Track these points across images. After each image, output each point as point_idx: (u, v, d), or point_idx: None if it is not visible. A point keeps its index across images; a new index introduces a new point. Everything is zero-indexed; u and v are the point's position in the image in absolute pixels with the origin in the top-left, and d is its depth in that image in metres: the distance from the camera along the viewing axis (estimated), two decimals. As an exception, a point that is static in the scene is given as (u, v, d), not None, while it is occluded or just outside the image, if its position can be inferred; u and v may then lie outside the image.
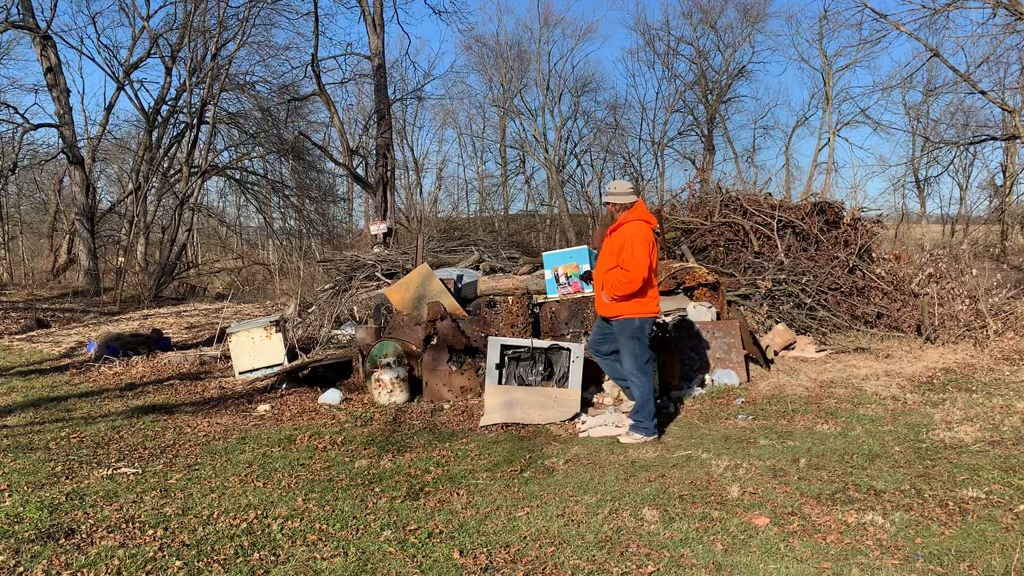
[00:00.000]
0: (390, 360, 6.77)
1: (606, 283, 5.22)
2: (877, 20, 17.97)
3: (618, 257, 5.12)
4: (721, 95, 32.85)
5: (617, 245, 5.15)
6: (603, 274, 5.26)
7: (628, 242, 5.09)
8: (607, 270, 5.20)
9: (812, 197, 11.47)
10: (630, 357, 5.29)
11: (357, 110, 30.37)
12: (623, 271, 5.10)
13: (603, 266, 5.27)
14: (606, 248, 5.24)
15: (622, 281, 5.12)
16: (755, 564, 3.21)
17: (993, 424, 5.42)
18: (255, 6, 18.48)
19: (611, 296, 5.18)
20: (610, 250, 5.19)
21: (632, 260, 5.07)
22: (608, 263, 5.21)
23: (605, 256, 5.25)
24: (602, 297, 5.30)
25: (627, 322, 5.24)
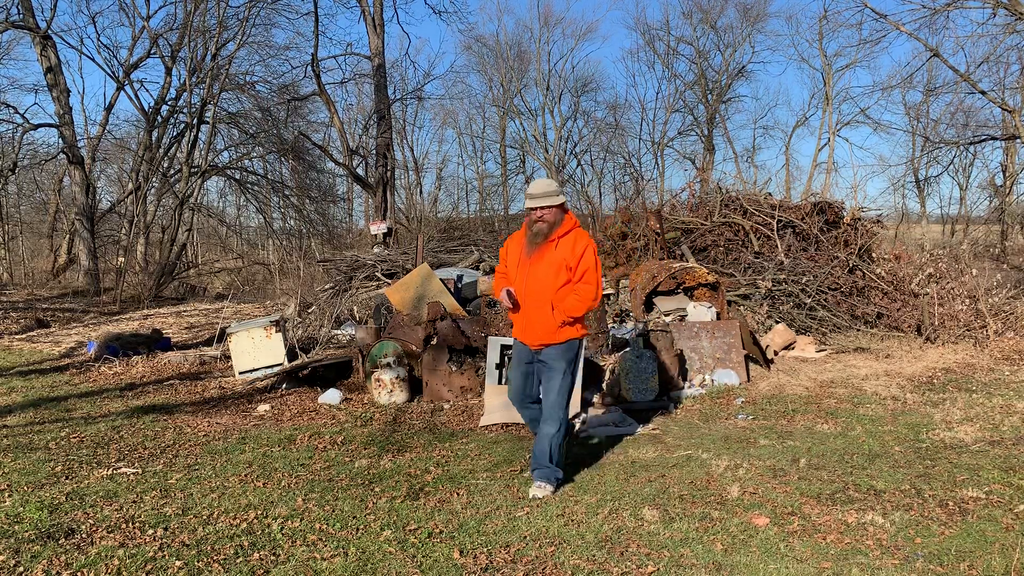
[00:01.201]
0: (390, 360, 6.77)
1: (560, 303, 4.26)
2: (877, 20, 17.97)
3: (573, 271, 4.25)
4: (721, 95, 32.87)
5: (570, 256, 4.24)
6: (553, 292, 4.26)
7: (588, 252, 4.29)
8: (558, 287, 4.26)
9: (812, 197, 11.48)
10: (563, 388, 4.35)
11: (357, 110, 30.38)
12: (587, 286, 4.26)
13: (549, 283, 4.26)
14: (548, 261, 4.26)
15: (586, 298, 4.27)
16: (755, 564, 3.21)
17: (993, 424, 5.42)
18: (255, 6, 18.48)
19: (567, 317, 4.25)
20: (557, 263, 4.25)
21: (597, 273, 4.32)
22: (557, 279, 4.26)
23: (547, 271, 4.26)
24: (546, 320, 4.28)
25: (573, 343, 4.38)
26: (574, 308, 4.26)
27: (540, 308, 4.29)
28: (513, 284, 4.40)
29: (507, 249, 4.53)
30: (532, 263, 4.30)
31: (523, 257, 4.32)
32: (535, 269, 4.29)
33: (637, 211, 12.40)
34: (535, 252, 4.30)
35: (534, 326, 4.32)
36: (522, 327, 4.42)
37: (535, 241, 4.29)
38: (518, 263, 4.36)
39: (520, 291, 4.35)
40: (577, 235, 4.33)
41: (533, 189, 4.34)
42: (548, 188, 4.31)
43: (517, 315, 4.43)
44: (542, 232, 4.29)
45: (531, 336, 4.36)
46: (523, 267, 4.32)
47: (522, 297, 4.34)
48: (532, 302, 4.31)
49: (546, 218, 4.28)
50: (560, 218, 4.32)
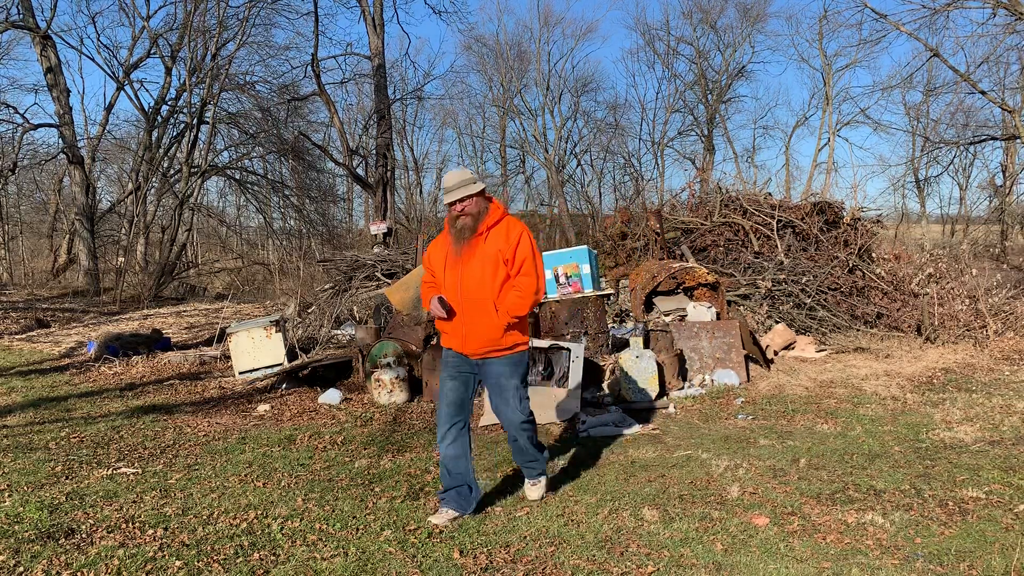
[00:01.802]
0: (390, 360, 6.77)
1: (504, 302, 3.79)
2: (877, 20, 17.98)
3: (511, 263, 3.79)
4: (721, 95, 32.85)
5: (504, 247, 3.78)
6: (493, 291, 3.77)
7: (524, 241, 3.84)
8: (498, 285, 3.78)
9: (812, 197, 11.48)
10: (521, 398, 3.91)
11: (357, 110, 30.38)
12: (526, 278, 3.80)
13: (487, 281, 3.77)
14: (481, 257, 3.78)
15: (527, 292, 3.80)
16: (755, 564, 3.21)
17: (993, 424, 5.42)
18: (255, 6, 18.50)
19: (511, 318, 3.77)
20: (492, 257, 3.78)
21: (536, 262, 3.87)
22: (495, 275, 3.78)
23: (482, 267, 3.77)
24: (489, 324, 3.78)
25: (523, 356, 3.93)
26: (516, 306, 3.79)
27: (481, 311, 3.78)
28: (444, 291, 3.88)
29: (430, 256, 4.02)
30: (463, 262, 3.80)
31: (451, 258, 3.84)
32: (468, 268, 3.79)
33: (637, 211, 12.41)
34: (464, 249, 3.81)
35: (476, 333, 3.81)
36: (461, 336, 3.85)
37: (461, 237, 3.81)
38: (445, 266, 3.87)
39: (454, 297, 3.83)
40: (508, 223, 3.87)
41: (447, 182, 3.86)
42: (463, 177, 3.84)
43: (451, 324, 3.87)
44: (467, 226, 3.82)
45: (473, 344, 3.83)
46: (454, 269, 3.82)
47: (457, 303, 3.81)
48: (471, 306, 3.80)
49: (468, 210, 3.82)
50: (484, 207, 3.86)
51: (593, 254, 7.70)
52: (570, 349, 6.22)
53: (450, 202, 3.83)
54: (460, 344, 3.87)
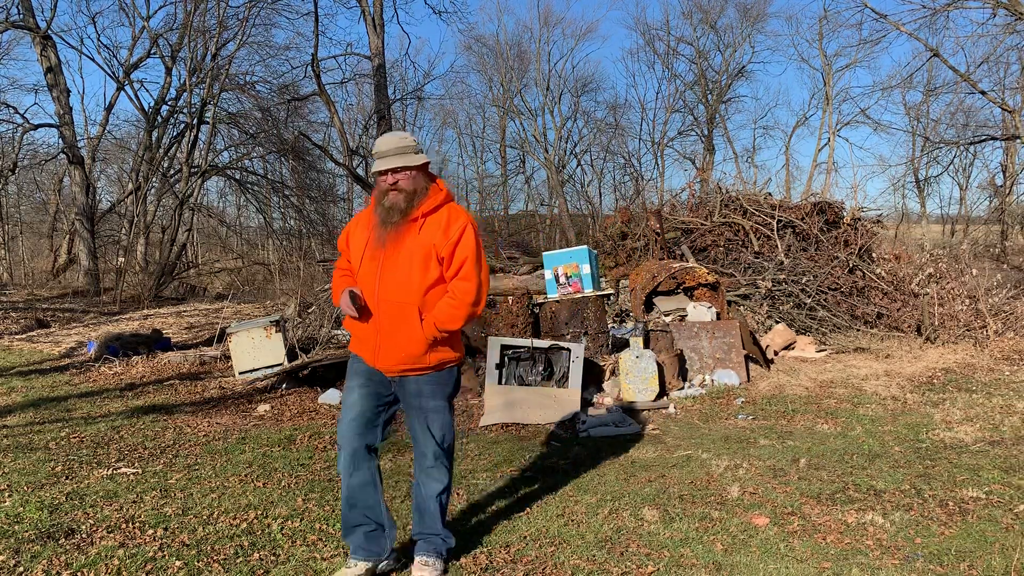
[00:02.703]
0: (390, 360, 6.76)
1: (432, 311, 3.04)
2: (877, 20, 17.99)
3: (447, 263, 3.05)
4: (721, 95, 32.85)
5: (441, 242, 3.03)
6: (419, 293, 3.02)
7: (467, 236, 3.06)
8: (427, 287, 3.03)
9: (812, 197, 11.49)
10: (446, 428, 3.19)
11: (357, 110, 30.40)
12: (465, 283, 3.05)
13: (413, 281, 3.02)
14: (411, 250, 3.02)
15: (463, 301, 3.05)
16: (755, 564, 3.21)
17: (993, 424, 5.42)
18: (255, 6, 18.49)
19: (439, 332, 3.04)
20: (423, 252, 3.01)
21: (479, 266, 3.08)
22: (425, 274, 3.02)
23: (409, 263, 3.02)
24: (410, 335, 3.03)
25: (452, 372, 3.23)
26: (447, 318, 3.02)
27: (401, 319, 3.01)
28: (360, 283, 3.11)
29: (348, 235, 3.24)
30: (387, 254, 3.02)
31: (373, 245, 3.06)
32: (392, 262, 3.02)
33: (637, 211, 12.41)
34: (391, 237, 3.02)
35: (392, 345, 3.04)
36: (373, 347, 3.08)
37: (389, 220, 3.02)
38: (364, 254, 3.09)
39: (370, 293, 3.05)
40: (451, 212, 3.08)
41: (382, 145, 3.05)
42: (403, 143, 3.04)
43: (364, 326, 3.09)
44: (398, 207, 3.01)
45: (388, 357, 3.06)
46: (373, 259, 3.05)
47: (374, 302, 3.04)
48: (389, 309, 3.02)
49: (403, 185, 3.01)
50: (424, 186, 3.06)
51: (593, 254, 7.70)
52: (570, 349, 6.22)
53: (380, 171, 3.03)
54: (371, 356, 3.10)
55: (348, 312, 3.08)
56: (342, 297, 3.08)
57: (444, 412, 3.17)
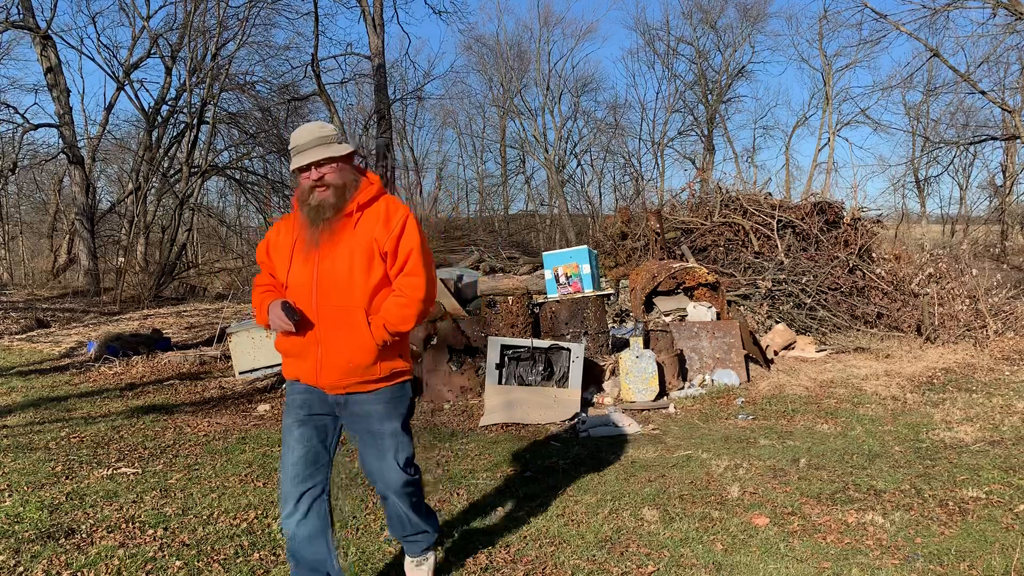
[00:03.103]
0: (390, 360, 6.76)
1: (380, 312, 2.72)
2: (877, 20, 18.00)
3: (391, 258, 2.72)
4: (721, 95, 32.86)
5: (382, 235, 2.70)
6: (364, 295, 2.69)
7: (410, 228, 2.74)
8: (372, 287, 2.70)
9: (812, 197, 11.49)
10: (402, 449, 2.82)
11: (357, 110, 30.37)
12: (412, 278, 2.73)
13: (356, 282, 2.69)
14: (349, 248, 2.69)
15: (413, 297, 2.72)
16: (755, 564, 3.21)
17: (993, 424, 5.42)
18: (255, 6, 18.50)
19: (388, 335, 2.70)
20: (364, 248, 2.69)
21: (425, 257, 2.78)
22: (368, 273, 2.69)
23: (348, 262, 2.69)
24: (358, 342, 2.69)
25: (404, 387, 2.86)
26: (398, 317, 2.69)
27: (346, 323, 2.68)
28: (292, 293, 2.75)
29: (268, 245, 2.89)
30: (323, 254, 2.69)
31: (302, 250, 2.73)
32: (330, 262, 2.69)
33: (637, 211, 12.42)
34: (325, 235, 2.69)
35: (336, 357, 2.69)
36: (314, 362, 2.72)
37: (319, 218, 2.69)
38: (292, 261, 2.75)
39: (307, 300, 2.70)
40: (389, 203, 2.77)
41: (299, 138, 2.72)
42: (323, 132, 2.72)
43: (300, 342, 2.73)
44: (328, 203, 2.69)
45: (332, 373, 2.71)
46: (306, 264, 2.71)
47: (312, 309, 2.69)
48: (331, 315, 2.68)
49: (331, 179, 2.69)
50: (354, 180, 2.76)
51: (593, 254, 7.70)
52: (570, 349, 6.22)
53: (301, 167, 2.69)
54: (312, 373, 2.74)
55: (282, 326, 2.68)
56: (272, 309, 2.68)
57: (402, 436, 2.80)
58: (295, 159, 2.72)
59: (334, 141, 2.73)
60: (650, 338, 7.01)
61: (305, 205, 2.72)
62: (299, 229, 2.76)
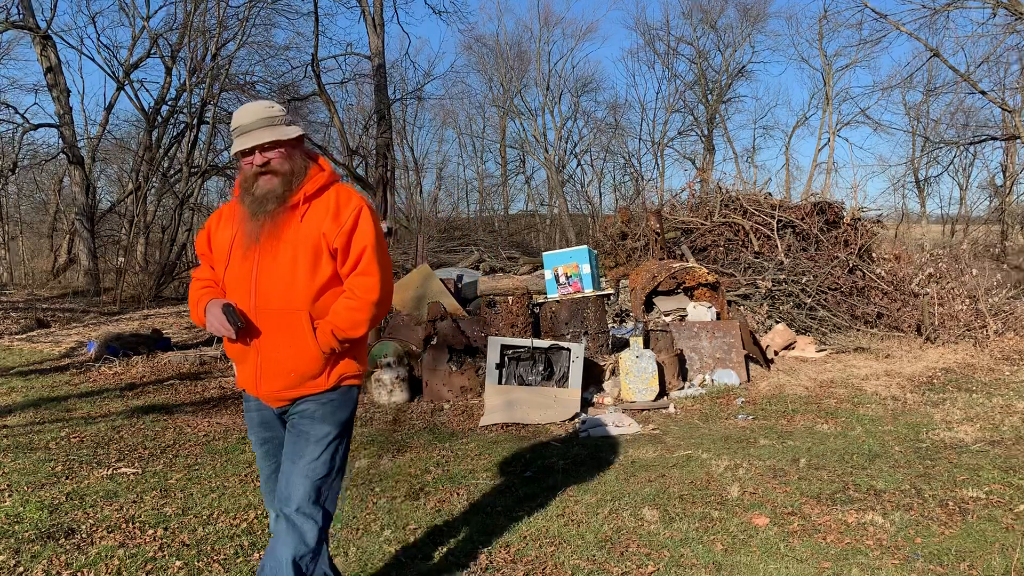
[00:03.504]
0: (390, 360, 6.77)
1: (328, 315, 2.44)
2: (877, 20, 17.99)
3: (342, 255, 2.44)
4: (721, 95, 32.85)
5: (331, 230, 2.41)
6: (308, 297, 2.42)
7: (364, 221, 2.46)
8: (317, 288, 2.42)
9: (812, 197, 11.49)
10: (328, 465, 2.47)
11: (357, 110, 30.36)
12: (366, 278, 2.44)
13: (300, 282, 2.41)
14: (293, 243, 2.41)
15: (367, 300, 2.44)
16: (755, 564, 3.21)
17: (993, 424, 5.42)
18: (255, 6, 18.50)
19: (336, 342, 2.43)
20: (311, 244, 2.41)
21: (383, 258, 2.49)
22: (314, 273, 2.42)
23: (292, 260, 2.41)
24: (300, 349, 2.43)
25: (351, 392, 2.56)
26: (350, 322, 2.42)
27: (287, 328, 2.42)
28: (230, 292, 2.49)
29: (209, 237, 2.62)
30: (264, 250, 2.42)
31: (243, 242, 2.45)
32: (271, 259, 2.41)
33: (637, 211, 12.42)
34: (267, 229, 2.41)
35: (276, 363, 2.43)
36: (254, 367, 2.48)
37: (262, 210, 2.42)
38: (231, 255, 2.48)
39: (244, 301, 2.44)
40: (340, 194, 2.49)
41: (244, 117, 2.47)
42: (269, 112, 2.46)
43: (239, 348, 2.49)
44: (273, 192, 2.42)
45: (272, 381, 2.46)
46: (245, 260, 2.44)
47: (250, 311, 2.43)
48: (271, 319, 2.42)
49: (277, 166, 2.42)
50: (303, 166, 2.49)
51: (593, 254, 7.70)
52: (570, 349, 6.22)
53: (244, 150, 2.43)
54: (252, 382, 2.50)
55: (220, 331, 2.40)
56: (210, 309, 2.42)
57: (330, 444, 2.46)
58: (237, 141, 2.44)
59: (282, 123, 2.47)
60: (650, 338, 7.01)
61: (247, 195, 2.45)
62: (240, 221, 2.48)
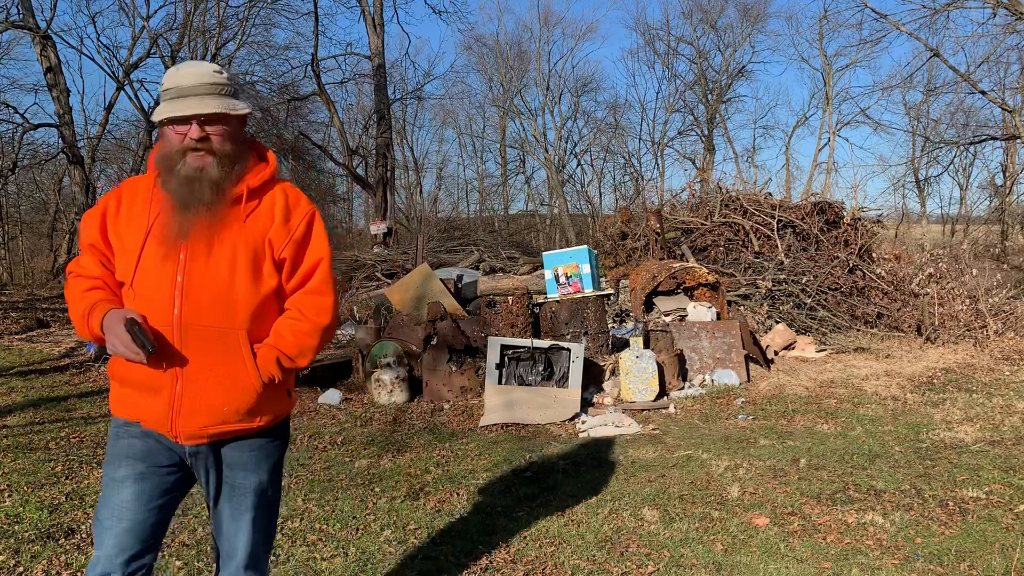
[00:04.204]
0: (390, 360, 6.77)
1: (273, 336, 2.02)
2: (877, 20, 17.99)
3: (295, 269, 2.03)
4: (721, 95, 32.85)
5: (279, 237, 2.00)
6: (246, 314, 1.96)
7: (317, 228, 2.07)
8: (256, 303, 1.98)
9: (812, 197, 11.49)
10: (272, 519, 2.23)
11: (357, 110, 30.36)
12: (319, 298, 2.05)
13: (238, 295, 1.95)
14: (232, 247, 1.95)
15: (318, 322, 2.04)
16: (755, 564, 3.21)
17: (993, 424, 5.42)
18: (255, 6, 18.51)
19: (280, 371, 2.01)
20: (249, 248, 1.97)
21: (331, 271, 2.09)
22: (256, 285, 1.98)
23: (226, 265, 1.94)
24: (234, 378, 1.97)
25: (284, 427, 2.18)
26: (299, 347, 2.02)
27: (221, 353, 1.94)
28: (140, 301, 1.93)
29: (103, 221, 2.00)
30: (195, 251, 1.91)
31: (161, 241, 1.92)
32: (202, 266, 1.92)
33: (637, 211, 12.42)
34: (201, 224, 1.91)
35: (203, 396, 1.94)
36: (169, 399, 1.93)
37: (197, 200, 1.91)
38: (143, 255, 1.92)
39: (164, 314, 1.90)
40: (288, 193, 2.05)
41: (183, 78, 1.94)
42: (217, 79, 1.96)
43: (146, 374, 1.92)
44: (209, 178, 1.92)
45: (196, 416, 1.94)
46: (166, 263, 1.91)
47: (173, 328, 1.90)
48: (200, 340, 1.92)
49: (216, 145, 1.94)
50: (246, 152, 2.03)
51: (593, 254, 7.70)
52: (570, 349, 6.22)
53: (181, 117, 1.90)
54: (163, 417, 1.93)
55: (127, 355, 1.84)
56: (109, 327, 1.85)
57: (269, 494, 2.13)
58: (169, 105, 1.91)
59: (228, 93, 1.97)
60: (650, 338, 7.01)
61: (172, 176, 1.91)
62: (158, 210, 1.93)
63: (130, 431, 2.02)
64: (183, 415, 1.95)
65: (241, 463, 2.07)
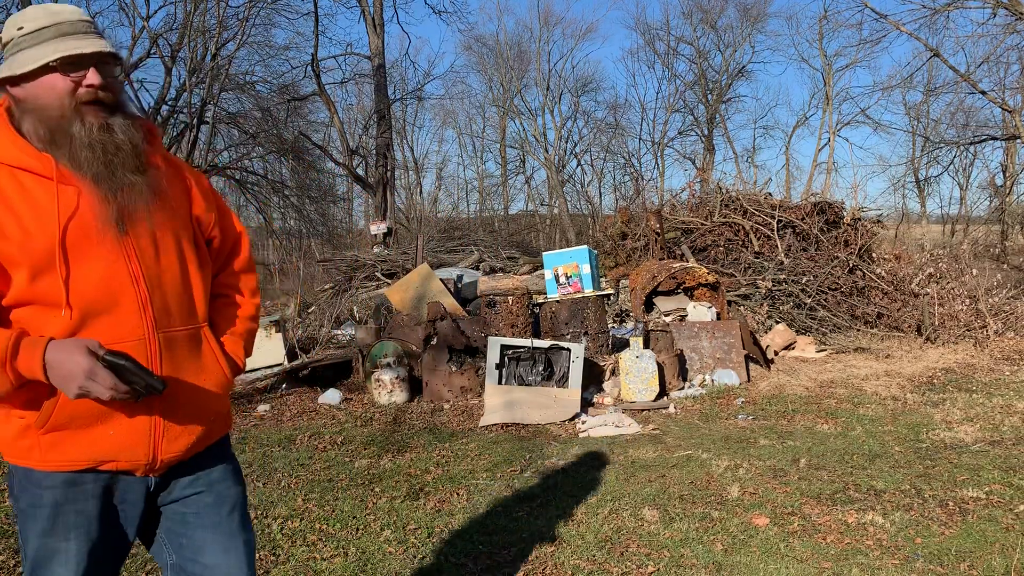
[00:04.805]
0: (390, 360, 6.77)
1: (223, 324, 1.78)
2: (877, 20, 17.98)
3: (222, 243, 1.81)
4: (721, 95, 32.85)
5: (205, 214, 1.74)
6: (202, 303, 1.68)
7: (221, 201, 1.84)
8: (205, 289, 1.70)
9: (812, 197, 11.49)
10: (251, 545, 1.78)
11: (357, 110, 30.37)
12: (254, 275, 1.90)
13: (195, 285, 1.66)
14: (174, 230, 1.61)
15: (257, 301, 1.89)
16: (755, 564, 3.21)
17: (993, 424, 5.42)
18: (255, 6, 18.49)
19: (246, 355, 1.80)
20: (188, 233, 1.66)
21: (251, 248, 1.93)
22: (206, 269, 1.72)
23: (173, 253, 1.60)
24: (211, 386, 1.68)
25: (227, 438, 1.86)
26: (251, 332, 1.84)
27: (194, 357, 1.66)
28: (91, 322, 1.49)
29: None
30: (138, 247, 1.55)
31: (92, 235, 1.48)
32: (151, 261, 1.57)
33: (637, 211, 12.42)
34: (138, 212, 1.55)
35: (192, 409, 1.66)
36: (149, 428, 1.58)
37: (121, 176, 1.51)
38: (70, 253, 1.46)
39: (131, 330, 1.53)
40: (178, 160, 1.75)
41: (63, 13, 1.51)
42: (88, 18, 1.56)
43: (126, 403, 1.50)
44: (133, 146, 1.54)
45: (180, 439, 1.63)
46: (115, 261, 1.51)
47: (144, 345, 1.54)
48: (181, 346, 1.63)
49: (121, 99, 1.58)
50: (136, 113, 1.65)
51: (593, 254, 7.70)
52: (570, 349, 6.22)
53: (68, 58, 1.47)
54: (139, 443, 1.58)
55: (116, 396, 1.44)
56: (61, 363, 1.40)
57: (245, 502, 1.82)
58: (57, 42, 1.47)
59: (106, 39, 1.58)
60: (650, 338, 7.01)
61: (68, 141, 1.48)
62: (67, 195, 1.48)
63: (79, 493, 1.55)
64: (168, 438, 1.60)
65: (219, 476, 1.75)
